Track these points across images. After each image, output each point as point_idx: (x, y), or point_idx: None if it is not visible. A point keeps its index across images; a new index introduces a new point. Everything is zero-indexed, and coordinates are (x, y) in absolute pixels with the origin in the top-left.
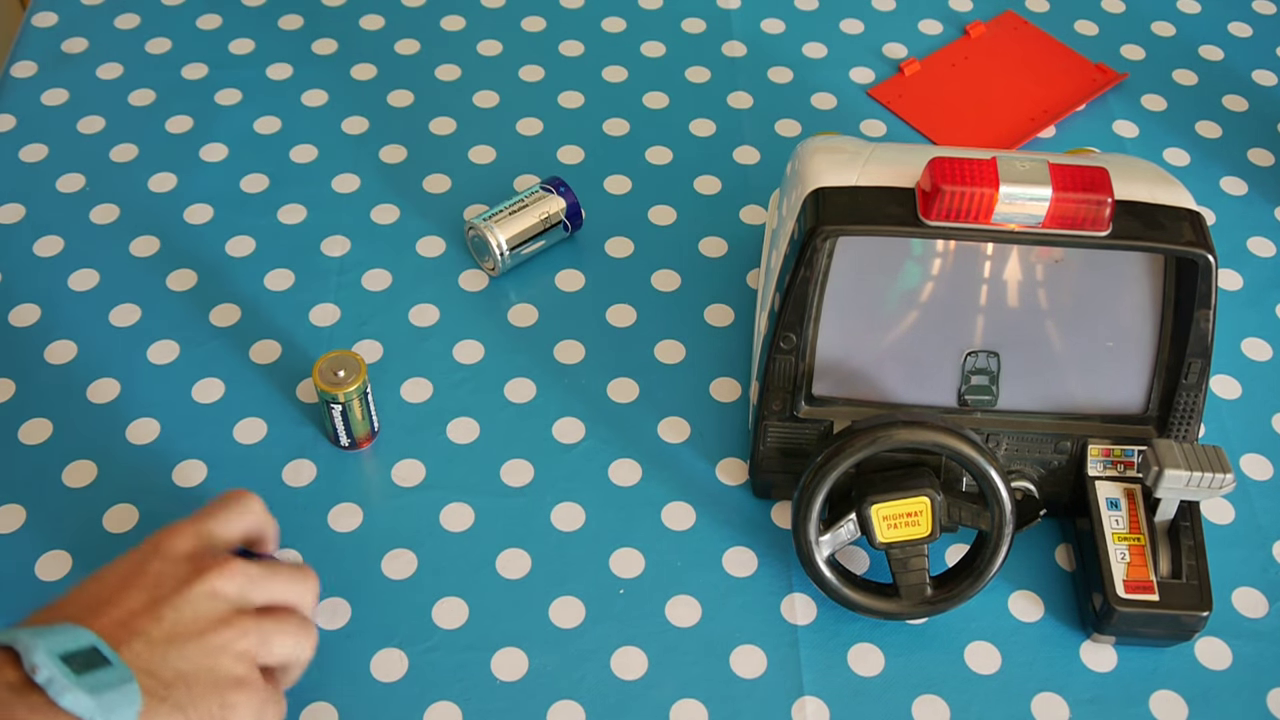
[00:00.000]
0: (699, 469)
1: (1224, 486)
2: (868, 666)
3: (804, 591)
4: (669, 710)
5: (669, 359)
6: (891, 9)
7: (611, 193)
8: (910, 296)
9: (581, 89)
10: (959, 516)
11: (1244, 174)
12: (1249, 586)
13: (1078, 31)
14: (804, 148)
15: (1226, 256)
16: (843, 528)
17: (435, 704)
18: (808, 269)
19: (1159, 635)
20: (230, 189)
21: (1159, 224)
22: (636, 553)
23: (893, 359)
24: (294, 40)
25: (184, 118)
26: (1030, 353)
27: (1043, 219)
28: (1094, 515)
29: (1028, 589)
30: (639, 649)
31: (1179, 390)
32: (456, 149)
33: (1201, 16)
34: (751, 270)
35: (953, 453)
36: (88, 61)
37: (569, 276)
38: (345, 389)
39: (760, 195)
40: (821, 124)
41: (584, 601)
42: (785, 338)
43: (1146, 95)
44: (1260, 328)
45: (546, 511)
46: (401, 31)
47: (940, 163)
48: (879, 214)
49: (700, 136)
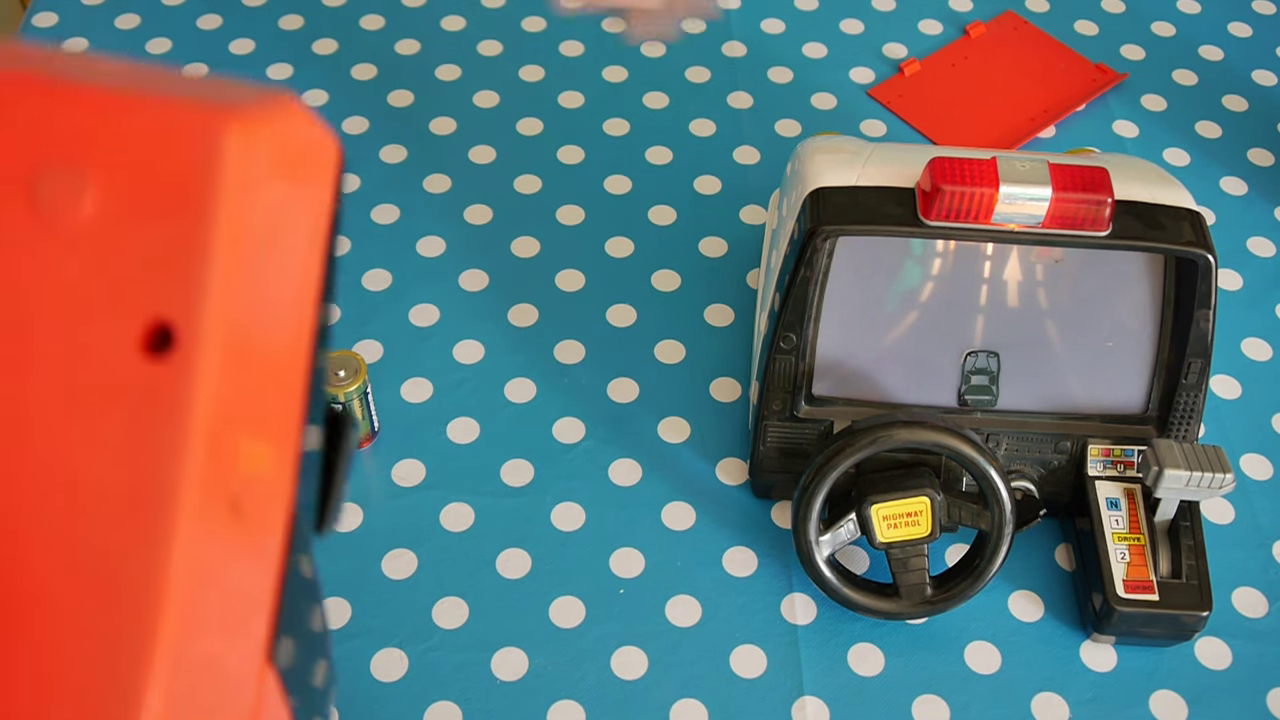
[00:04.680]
0: (699, 469)
1: (1224, 486)
2: (868, 666)
3: (804, 591)
4: (669, 710)
5: (669, 359)
6: (891, 9)
7: (611, 193)
8: (910, 296)
9: (581, 89)
10: (959, 516)
11: (1244, 174)
12: (1249, 586)
13: (1078, 31)
14: (804, 148)
15: (1226, 256)
16: (843, 528)
17: (435, 704)
18: (808, 269)
19: (1159, 635)
20: None
21: (1159, 224)
22: (636, 553)
23: (893, 359)
24: (294, 40)
25: None
26: (1030, 353)
27: (1043, 219)
28: (1094, 515)
29: (1028, 589)
30: (639, 649)
31: (1179, 390)
32: (456, 149)
33: (1201, 16)
34: (751, 270)
35: (953, 453)
36: None
37: (569, 276)
38: (345, 389)
39: (760, 195)
40: (821, 124)
41: (584, 601)
42: (785, 338)
43: (1146, 95)
44: (1260, 328)
45: (546, 511)
46: (401, 31)
47: (940, 163)
48: (879, 214)
49: (700, 136)
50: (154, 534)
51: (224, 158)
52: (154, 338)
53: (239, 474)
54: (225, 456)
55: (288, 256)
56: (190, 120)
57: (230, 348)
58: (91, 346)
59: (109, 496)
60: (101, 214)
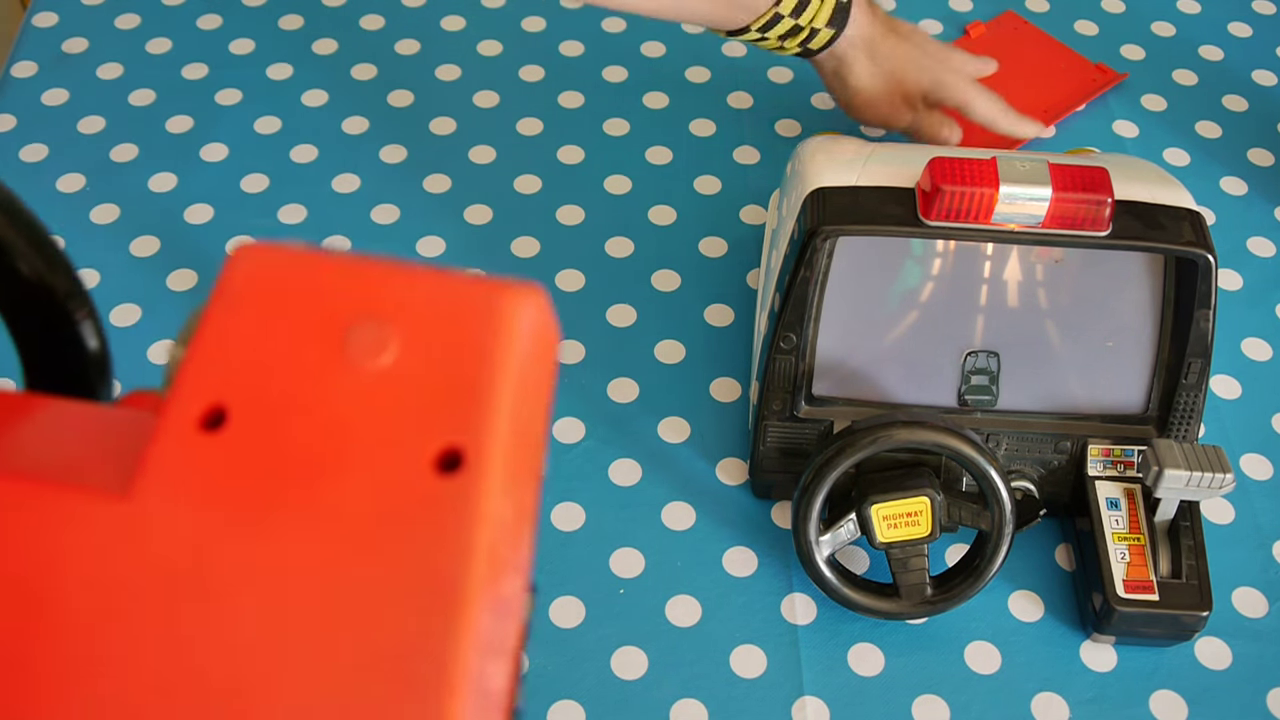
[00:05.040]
0: (699, 469)
1: (1224, 486)
2: (868, 666)
3: (804, 591)
4: (669, 710)
5: (669, 359)
6: (893, 8)
7: (611, 193)
8: (910, 296)
9: (581, 89)
10: (959, 516)
11: (1244, 174)
12: (1249, 586)
13: (1078, 31)
14: (804, 148)
15: (1226, 256)
16: (843, 528)
17: None
18: (808, 269)
19: (1159, 635)
20: (230, 189)
21: (1159, 224)
22: (636, 553)
23: (893, 359)
24: (294, 40)
25: (184, 118)
26: (1030, 353)
27: (1043, 219)
28: (1094, 515)
29: (1028, 589)
30: (639, 649)
31: (1179, 390)
32: (456, 149)
33: (1201, 16)
34: (751, 270)
35: (953, 453)
36: (88, 61)
37: (569, 276)
38: None
39: (760, 195)
40: (821, 124)
41: (584, 601)
42: (785, 338)
43: (1146, 95)
44: (1260, 328)
45: (546, 511)
46: (401, 31)
47: (940, 163)
48: (879, 214)
49: (700, 136)
50: (447, 624)
51: (506, 319)
52: (445, 459)
53: (506, 590)
54: (498, 570)
55: (536, 410)
56: (476, 290)
57: (507, 471)
58: (392, 467)
59: (407, 593)
60: (401, 361)
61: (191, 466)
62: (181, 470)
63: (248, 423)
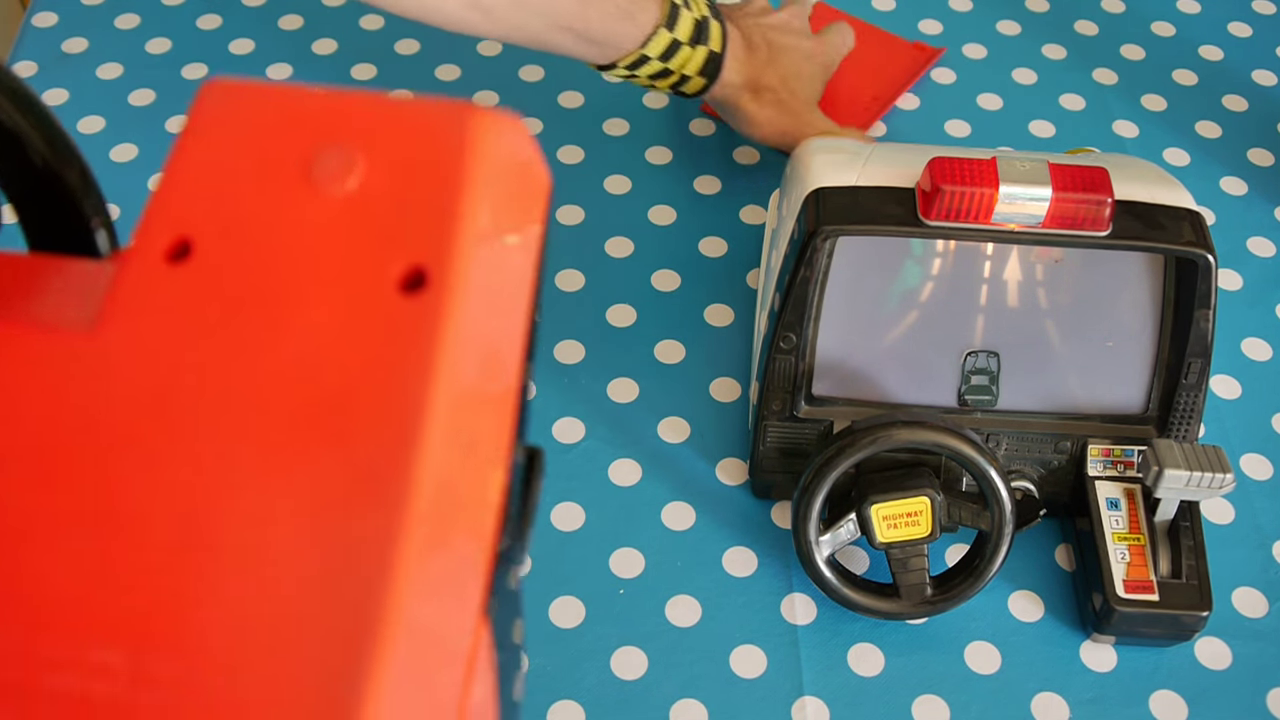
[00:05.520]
0: (699, 469)
1: (1224, 486)
2: (868, 666)
3: (804, 591)
4: (669, 710)
5: (669, 359)
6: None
7: (611, 193)
8: (910, 296)
9: (581, 89)
10: (959, 516)
11: (1244, 174)
12: (1249, 586)
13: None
14: (804, 148)
15: (1226, 256)
16: (843, 528)
17: None
18: (808, 269)
19: (1159, 635)
20: None
21: (1159, 224)
22: (636, 553)
23: (893, 359)
24: (294, 40)
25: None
26: (1030, 353)
27: (1043, 219)
28: (1094, 515)
29: (1028, 589)
30: (639, 649)
31: (1179, 390)
32: None
33: (1201, 16)
34: (751, 270)
35: (953, 453)
36: (88, 61)
37: (569, 276)
38: None
39: (760, 195)
40: None
41: (584, 601)
42: (785, 338)
43: (1146, 95)
44: (1260, 328)
45: (546, 511)
46: (401, 31)
47: (940, 163)
48: (879, 214)
49: (700, 136)
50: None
51: (474, 139)
52: (409, 279)
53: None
54: (464, 397)
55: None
56: (442, 113)
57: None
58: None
59: (365, 401)
60: (368, 185)
61: (157, 299)
62: (147, 303)
63: (213, 253)
